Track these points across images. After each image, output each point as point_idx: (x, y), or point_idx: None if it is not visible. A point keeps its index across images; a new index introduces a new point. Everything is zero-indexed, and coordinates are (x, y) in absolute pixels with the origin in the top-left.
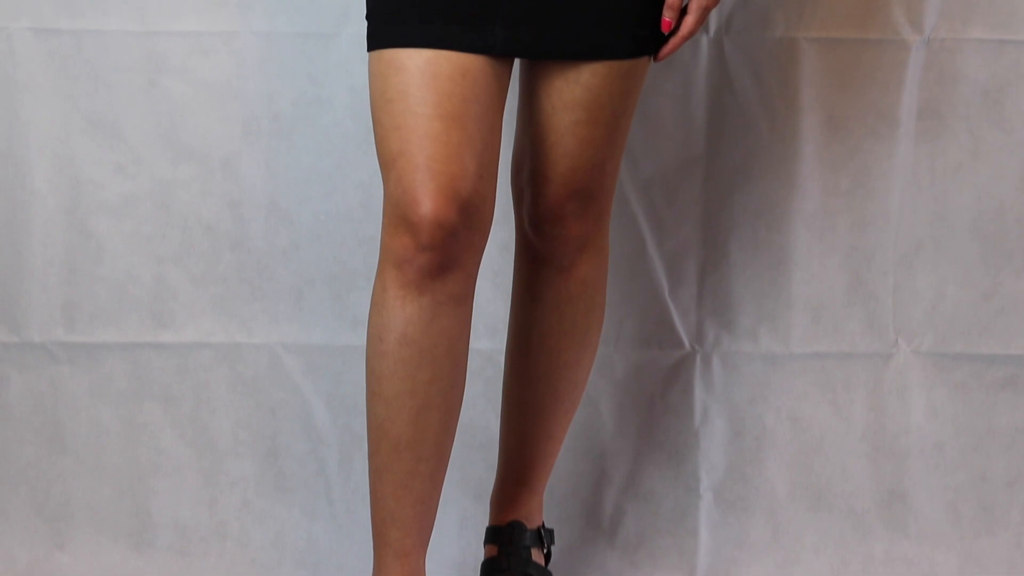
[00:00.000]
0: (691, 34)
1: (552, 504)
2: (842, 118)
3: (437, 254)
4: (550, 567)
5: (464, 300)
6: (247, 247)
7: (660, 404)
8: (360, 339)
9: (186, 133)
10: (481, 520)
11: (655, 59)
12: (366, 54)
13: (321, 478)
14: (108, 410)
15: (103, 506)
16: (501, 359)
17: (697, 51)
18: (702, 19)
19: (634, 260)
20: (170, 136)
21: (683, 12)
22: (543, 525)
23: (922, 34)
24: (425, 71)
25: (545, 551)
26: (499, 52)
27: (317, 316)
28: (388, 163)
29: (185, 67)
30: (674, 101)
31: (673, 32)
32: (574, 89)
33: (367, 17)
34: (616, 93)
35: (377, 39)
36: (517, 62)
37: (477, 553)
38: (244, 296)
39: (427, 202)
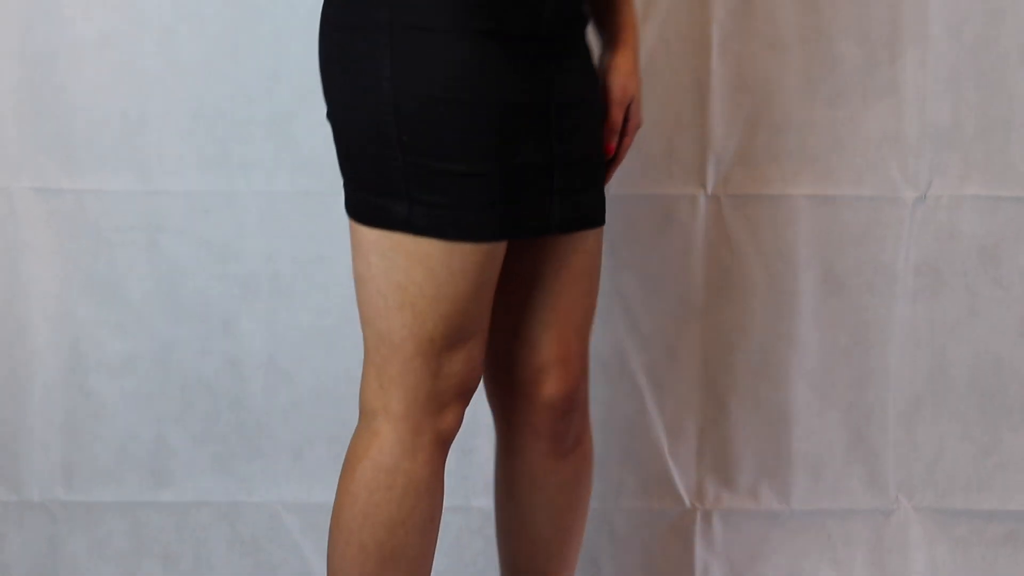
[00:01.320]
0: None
1: None
2: (840, 275)
3: None
4: None
5: None
6: (247, 406)
7: (661, 561)
8: None
9: (186, 292)
10: None
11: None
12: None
13: None
14: (107, 569)
15: None
16: None
17: (695, 209)
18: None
19: (634, 418)
20: (170, 295)
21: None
22: None
23: (919, 191)
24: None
25: None
26: (555, 230)
27: (317, 475)
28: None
29: (186, 226)
30: (673, 259)
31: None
32: (582, 258)
33: (432, 204)
34: (600, 254)
35: (473, 230)
36: None
37: None
38: (243, 455)
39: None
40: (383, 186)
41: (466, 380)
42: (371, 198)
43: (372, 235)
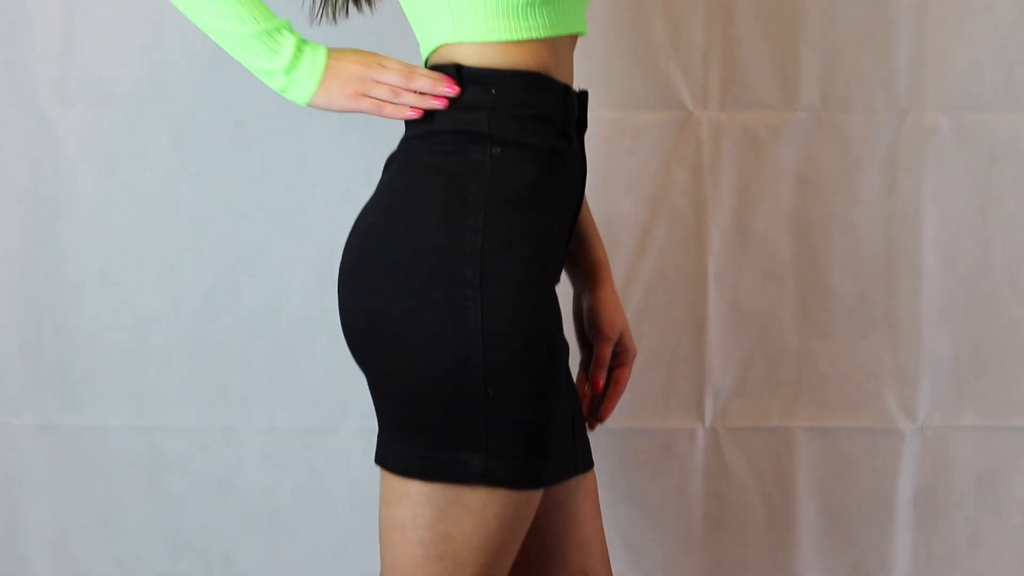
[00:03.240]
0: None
1: None
2: (838, 507)
3: None
4: None
5: None
6: None
7: None
8: None
9: (186, 528)
10: None
11: (600, 421)
12: (366, 447)
13: None
14: None
15: None
16: None
17: (694, 441)
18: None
19: None
20: (170, 531)
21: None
22: None
23: (916, 422)
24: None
25: None
26: (580, 470)
27: None
28: None
29: (185, 462)
30: (672, 492)
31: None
32: (594, 495)
33: (499, 454)
34: None
35: (542, 477)
36: None
37: None
38: None
39: None
40: (455, 439)
41: None
42: (433, 452)
43: (424, 487)
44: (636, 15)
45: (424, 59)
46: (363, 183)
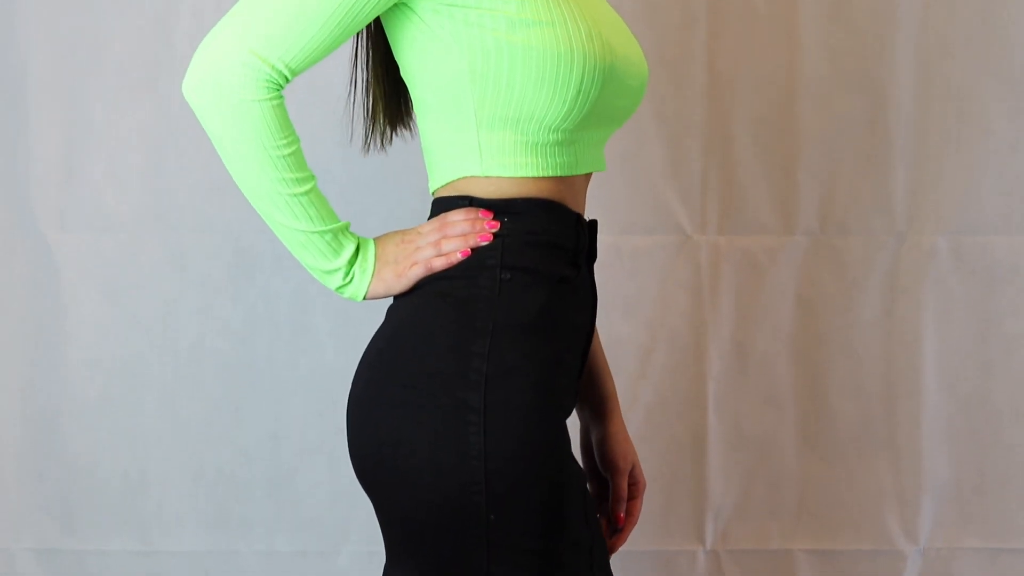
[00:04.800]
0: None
1: None
2: None
3: None
4: None
5: None
6: None
7: None
8: None
9: None
10: None
11: (612, 552)
12: (366, 571)
13: None
14: None
15: None
16: None
17: (694, 565)
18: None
19: None
20: None
21: None
22: None
23: (917, 544)
24: None
25: None
26: None
27: None
28: None
29: None
30: None
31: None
32: None
33: None
34: None
35: None
36: None
37: None
38: None
39: None
40: (457, 565)
41: None
42: None
43: None
44: (635, 140)
45: (433, 188)
46: (363, 307)
